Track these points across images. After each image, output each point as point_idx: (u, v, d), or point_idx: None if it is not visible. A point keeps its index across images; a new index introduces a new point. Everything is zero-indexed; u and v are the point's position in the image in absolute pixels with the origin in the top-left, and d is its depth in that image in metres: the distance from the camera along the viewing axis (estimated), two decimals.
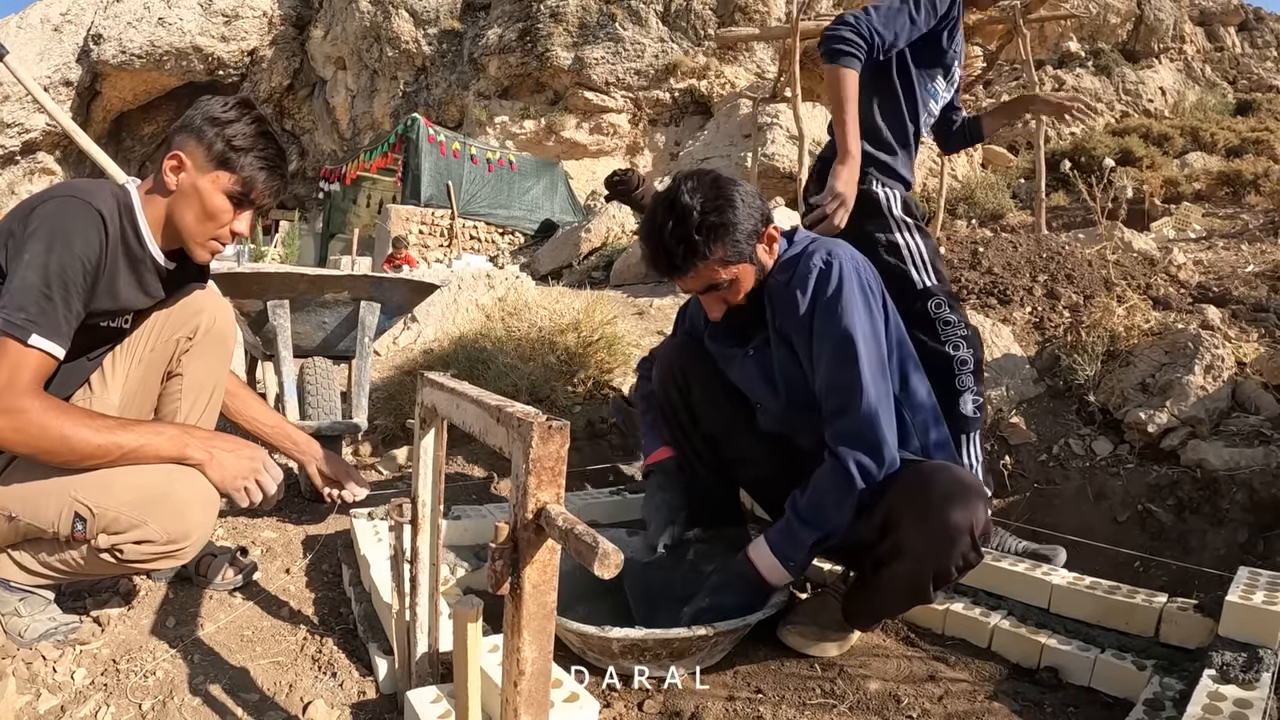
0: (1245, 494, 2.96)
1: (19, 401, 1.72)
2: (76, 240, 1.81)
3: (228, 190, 1.96)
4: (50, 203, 1.83)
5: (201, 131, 1.95)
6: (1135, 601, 2.06)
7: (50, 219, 1.81)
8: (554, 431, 0.94)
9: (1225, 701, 1.59)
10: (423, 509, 1.53)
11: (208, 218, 1.98)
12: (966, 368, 2.69)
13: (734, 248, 1.98)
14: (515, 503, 0.96)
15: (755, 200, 2.04)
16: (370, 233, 17.79)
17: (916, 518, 1.83)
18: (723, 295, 2.08)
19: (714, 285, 2.04)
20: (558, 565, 0.97)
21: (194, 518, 1.88)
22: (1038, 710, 1.84)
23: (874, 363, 1.96)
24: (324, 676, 1.88)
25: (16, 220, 1.82)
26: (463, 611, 0.96)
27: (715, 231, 1.95)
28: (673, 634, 1.82)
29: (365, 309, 3.20)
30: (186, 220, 1.98)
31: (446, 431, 1.50)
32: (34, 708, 1.71)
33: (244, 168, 1.96)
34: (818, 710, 1.83)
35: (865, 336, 1.96)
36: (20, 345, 1.73)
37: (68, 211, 1.83)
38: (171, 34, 24.81)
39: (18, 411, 1.72)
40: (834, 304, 1.97)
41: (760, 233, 2.04)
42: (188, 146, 1.95)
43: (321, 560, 2.59)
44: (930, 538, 1.81)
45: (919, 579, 1.87)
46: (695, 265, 1.98)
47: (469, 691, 1.01)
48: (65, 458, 1.78)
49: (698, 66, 20.39)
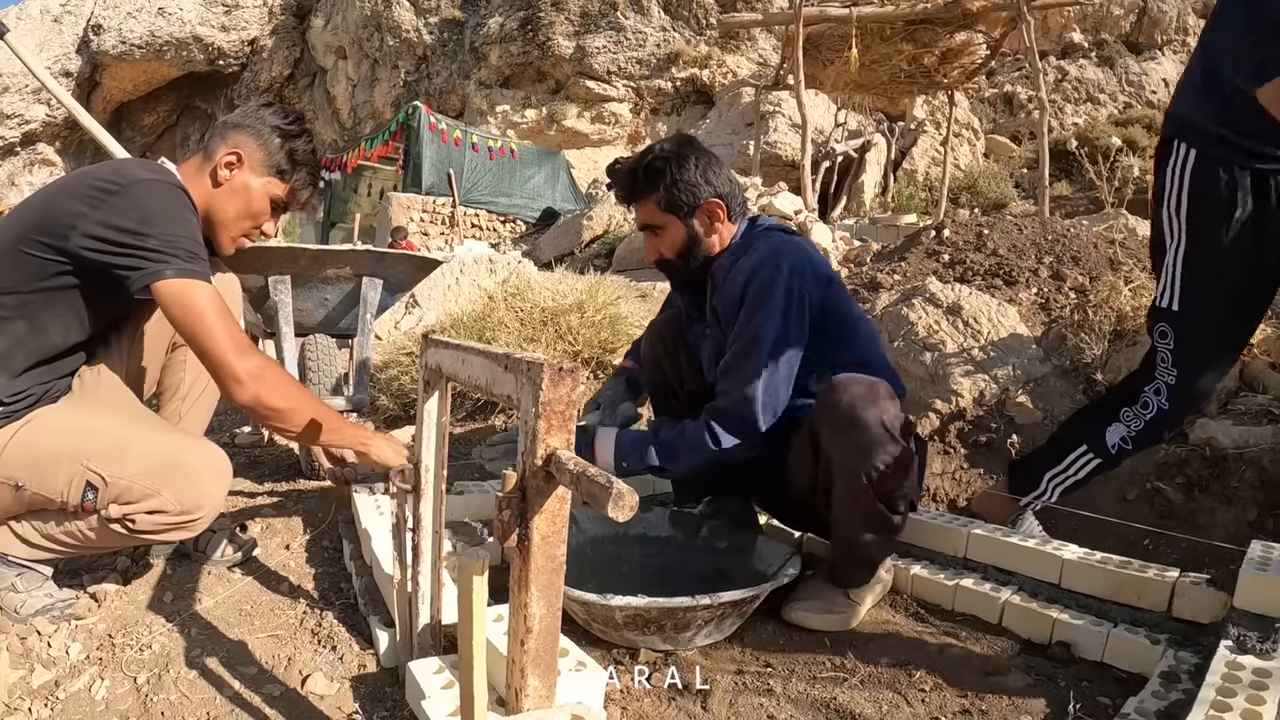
0: (1254, 472, 2.92)
1: (255, 356, 1.83)
2: (191, 220, 1.89)
3: (274, 196, 2.09)
4: (147, 184, 1.84)
5: (263, 135, 2.05)
6: (1147, 576, 2.02)
7: (161, 194, 1.84)
8: (564, 375, 0.90)
9: (1244, 671, 1.56)
10: (426, 475, 1.50)
11: (248, 216, 2.09)
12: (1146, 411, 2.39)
13: (668, 195, 2.20)
14: (524, 449, 0.93)
15: (713, 174, 2.23)
16: (371, 222, 17.73)
17: (829, 427, 1.97)
18: (656, 242, 2.29)
19: (649, 225, 2.27)
20: (568, 516, 0.94)
21: (207, 487, 1.87)
22: (1051, 684, 1.81)
23: (773, 368, 2.10)
24: (324, 650, 1.85)
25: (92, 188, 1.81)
26: (469, 564, 0.92)
27: (657, 175, 2.20)
28: (676, 603, 1.78)
29: (367, 285, 3.17)
30: (228, 213, 2.06)
31: (450, 398, 1.46)
32: (27, 682, 1.68)
33: (297, 182, 2.12)
34: (828, 684, 1.80)
35: (770, 342, 2.09)
36: (210, 286, 1.81)
37: (171, 194, 1.88)
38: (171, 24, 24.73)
39: (260, 368, 1.82)
40: (757, 304, 2.11)
41: (701, 202, 2.21)
42: (248, 147, 2.05)
43: (322, 536, 2.56)
44: (845, 439, 1.94)
45: (857, 489, 1.95)
46: (636, 196, 2.25)
47: (474, 652, 0.98)
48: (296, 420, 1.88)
49: (700, 56, 20.31)
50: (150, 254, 1.75)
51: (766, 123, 15.11)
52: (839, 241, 8.05)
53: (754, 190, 9.51)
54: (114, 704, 1.62)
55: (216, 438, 4.05)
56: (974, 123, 18.57)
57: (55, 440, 1.83)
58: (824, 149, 15.11)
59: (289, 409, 1.86)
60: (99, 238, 1.75)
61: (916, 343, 3.62)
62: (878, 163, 16.37)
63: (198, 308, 1.76)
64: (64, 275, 1.81)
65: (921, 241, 5.08)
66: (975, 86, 18.60)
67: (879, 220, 11.88)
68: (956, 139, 16.41)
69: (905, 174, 16.45)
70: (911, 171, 16.57)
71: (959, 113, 15.60)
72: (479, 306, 4.74)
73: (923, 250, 4.91)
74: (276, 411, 1.84)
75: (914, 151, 17.13)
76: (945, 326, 3.63)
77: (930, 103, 17.76)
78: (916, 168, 16.73)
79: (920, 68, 10.54)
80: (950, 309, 3.70)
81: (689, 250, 2.27)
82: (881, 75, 10.66)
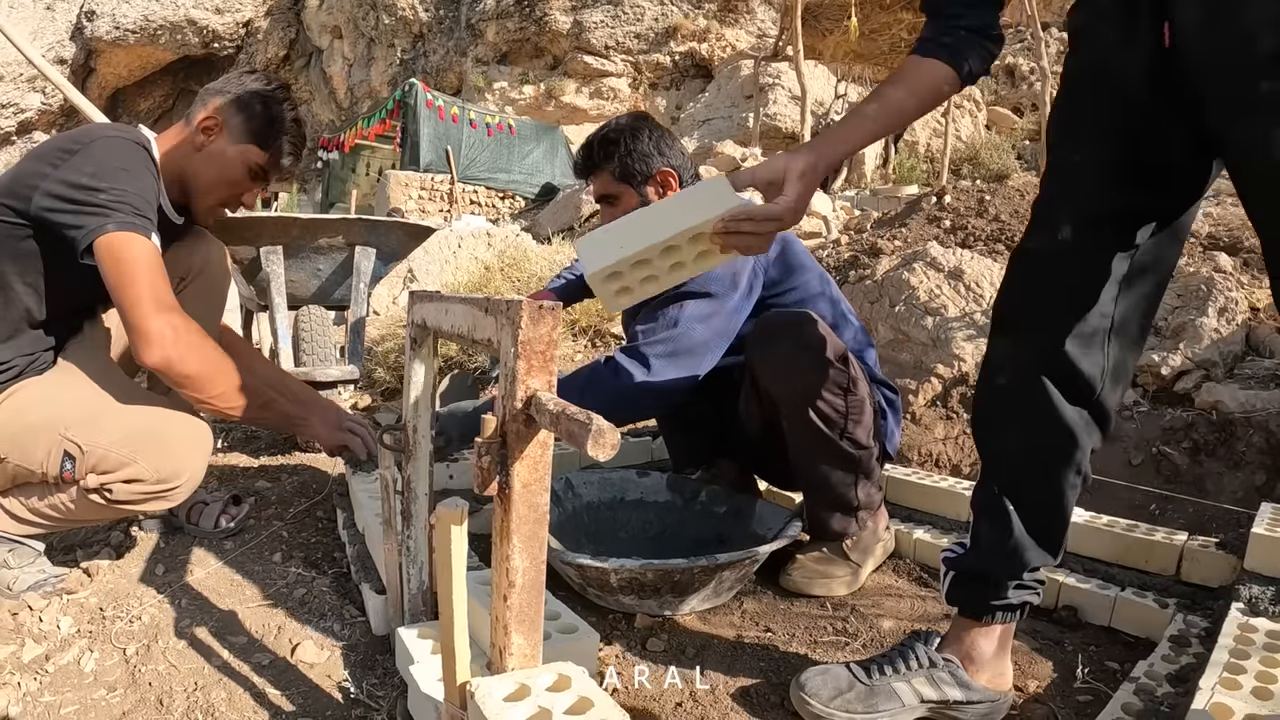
0: (1262, 436, 2.89)
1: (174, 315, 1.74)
2: (146, 177, 1.83)
3: (252, 165, 2.03)
4: (106, 140, 1.81)
5: (247, 104, 2.01)
6: (1155, 539, 1.99)
7: (118, 150, 1.80)
8: (544, 313, 0.86)
9: (1257, 633, 1.53)
10: (415, 436, 1.46)
11: (225, 183, 2.04)
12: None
13: (622, 166, 2.22)
14: (503, 393, 0.89)
15: (665, 145, 2.25)
16: (370, 200, 17.65)
17: (762, 366, 2.02)
18: (613, 212, 2.28)
19: (605, 195, 2.28)
20: (550, 462, 0.90)
21: (184, 456, 1.84)
22: (1057, 648, 1.78)
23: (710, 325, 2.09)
24: (314, 618, 1.82)
25: (58, 149, 1.78)
26: (447, 513, 0.88)
27: (611, 146, 2.24)
28: (672, 565, 1.74)
29: (360, 254, 3.13)
30: (204, 180, 2.02)
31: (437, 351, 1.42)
32: (18, 657, 1.66)
33: (276, 149, 2.05)
34: (829, 648, 1.77)
35: (707, 303, 2.10)
36: (148, 241, 1.74)
37: (129, 150, 1.83)
38: (165, 8, 24.53)
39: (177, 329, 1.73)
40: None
41: (654, 172, 2.23)
42: (227, 112, 2.00)
43: (316, 507, 2.53)
44: (780, 373, 1.98)
45: (805, 422, 1.96)
46: (591, 169, 2.28)
47: (453, 607, 0.94)
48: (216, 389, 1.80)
49: (698, 29, 20.11)
50: (96, 209, 1.70)
51: (766, 95, 15.00)
52: (839, 212, 7.99)
53: (754, 162, 9.43)
54: (102, 675, 1.60)
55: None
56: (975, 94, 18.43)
57: (35, 410, 1.81)
58: (824, 120, 15.01)
59: (203, 376, 1.76)
60: (55, 195, 1.72)
61: (918, 307, 3.57)
62: None
63: (128, 257, 1.68)
64: (27, 241, 1.79)
65: (923, 208, 5.03)
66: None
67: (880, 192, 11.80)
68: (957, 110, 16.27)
69: (906, 145, 16.32)
70: (912, 143, 16.44)
71: None
72: (476, 277, 4.71)
73: (924, 216, 4.86)
74: (188, 378, 1.75)
75: (915, 123, 17.02)
76: (947, 291, 3.59)
77: None
78: (917, 139, 16.61)
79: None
80: (952, 273, 3.65)
81: None
82: (881, 45, 10.59)
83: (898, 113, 1.59)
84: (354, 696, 1.53)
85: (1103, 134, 1.35)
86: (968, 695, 1.46)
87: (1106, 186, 1.35)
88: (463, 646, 0.98)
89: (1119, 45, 1.30)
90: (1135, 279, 1.38)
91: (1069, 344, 1.38)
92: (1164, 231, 1.37)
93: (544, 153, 17.98)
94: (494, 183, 17.19)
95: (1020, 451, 1.47)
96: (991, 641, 1.50)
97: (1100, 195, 1.36)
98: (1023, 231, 1.48)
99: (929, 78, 1.57)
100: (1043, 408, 1.41)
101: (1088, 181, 1.38)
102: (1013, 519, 1.46)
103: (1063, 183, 1.42)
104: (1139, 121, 1.30)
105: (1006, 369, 1.47)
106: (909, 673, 1.47)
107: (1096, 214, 1.36)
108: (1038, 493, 1.47)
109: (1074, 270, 1.38)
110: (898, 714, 1.44)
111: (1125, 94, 1.31)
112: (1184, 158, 1.32)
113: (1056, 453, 1.44)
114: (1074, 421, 1.41)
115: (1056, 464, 1.44)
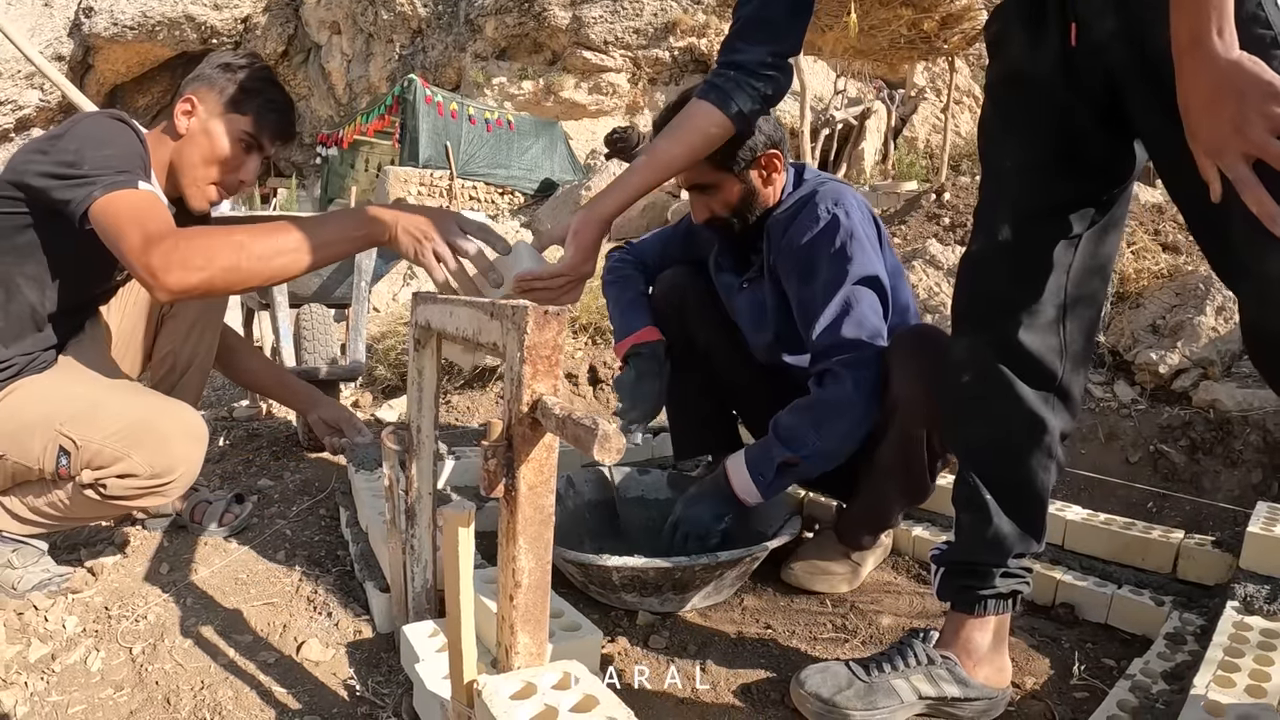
0: (1259, 435, 2.90)
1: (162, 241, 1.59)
2: (126, 141, 1.82)
3: (239, 133, 1.98)
4: (88, 119, 1.82)
5: (213, 78, 1.98)
6: (1151, 537, 2.01)
7: (98, 124, 1.80)
8: (550, 318, 0.87)
9: (1251, 632, 1.54)
10: (418, 435, 1.47)
11: (215, 161, 1.99)
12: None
13: (721, 151, 1.94)
14: (509, 396, 0.90)
15: (764, 121, 2.00)
16: (369, 197, 17.63)
17: (904, 370, 1.85)
18: (707, 200, 2.10)
19: (700, 185, 2.07)
20: (555, 465, 0.91)
21: (179, 451, 1.84)
22: (1054, 645, 1.80)
23: (877, 306, 1.98)
24: (319, 616, 1.83)
25: (48, 136, 1.80)
26: (454, 515, 0.90)
27: None
28: (673, 563, 1.76)
29: (361, 252, 3.13)
30: (190, 162, 1.98)
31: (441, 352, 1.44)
32: (24, 657, 1.67)
33: (256, 110, 1.99)
34: (829, 645, 1.78)
35: (869, 282, 1.97)
36: (135, 190, 1.70)
37: (108, 124, 1.82)
38: (163, 4, 24.47)
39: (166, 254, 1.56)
40: (842, 257, 1.97)
41: (757, 156, 2.03)
42: (200, 92, 1.98)
43: (319, 505, 2.55)
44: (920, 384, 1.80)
45: (915, 438, 1.88)
46: None
47: (461, 607, 0.95)
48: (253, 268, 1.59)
49: (697, 24, 20.08)
50: (82, 179, 1.69)
51: None
52: None
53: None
54: (109, 675, 1.61)
55: (213, 411, 4.04)
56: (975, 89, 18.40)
57: (32, 407, 1.82)
58: (824, 116, 15.00)
59: (214, 279, 1.57)
60: (46, 174, 1.72)
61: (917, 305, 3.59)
62: (878, 130, 16.24)
63: (113, 212, 1.64)
64: (28, 230, 1.80)
65: (921, 205, 5.04)
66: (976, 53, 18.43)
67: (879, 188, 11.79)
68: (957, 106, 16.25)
69: (906, 141, 16.33)
70: (912, 139, 16.44)
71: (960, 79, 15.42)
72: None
73: (923, 214, 4.88)
74: (203, 286, 1.57)
75: (914, 118, 17.00)
76: (946, 289, 3.60)
77: (930, 69, 17.60)
78: (917, 135, 16.61)
79: (920, 33, 10.42)
80: (951, 271, 3.66)
81: (746, 206, 2.10)
82: (881, 41, 10.55)
83: (664, 165, 1.75)
84: (359, 694, 1.54)
85: (1028, 135, 1.41)
86: (965, 692, 1.48)
87: (1039, 184, 1.40)
88: (470, 646, 1.00)
89: (1030, 48, 1.37)
90: (1080, 263, 1.43)
91: (1022, 334, 1.42)
92: (1103, 216, 1.42)
93: (543, 148, 17.96)
94: (493, 178, 17.18)
95: (990, 440, 1.50)
96: (986, 634, 1.52)
97: (1034, 193, 1.41)
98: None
99: (697, 124, 1.73)
100: (1006, 396, 1.45)
101: (1021, 182, 1.43)
102: (991, 507, 1.49)
103: (998, 186, 1.48)
104: (1059, 118, 1.36)
105: (968, 365, 1.50)
106: (908, 670, 1.49)
107: (1033, 211, 1.41)
108: (1012, 478, 1.50)
109: (1018, 265, 1.43)
110: (896, 711, 1.46)
111: (1043, 93, 1.36)
112: (1106, 144, 1.37)
113: (1024, 437, 1.47)
114: (1038, 406, 1.45)
115: (1027, 449, 1.48)
